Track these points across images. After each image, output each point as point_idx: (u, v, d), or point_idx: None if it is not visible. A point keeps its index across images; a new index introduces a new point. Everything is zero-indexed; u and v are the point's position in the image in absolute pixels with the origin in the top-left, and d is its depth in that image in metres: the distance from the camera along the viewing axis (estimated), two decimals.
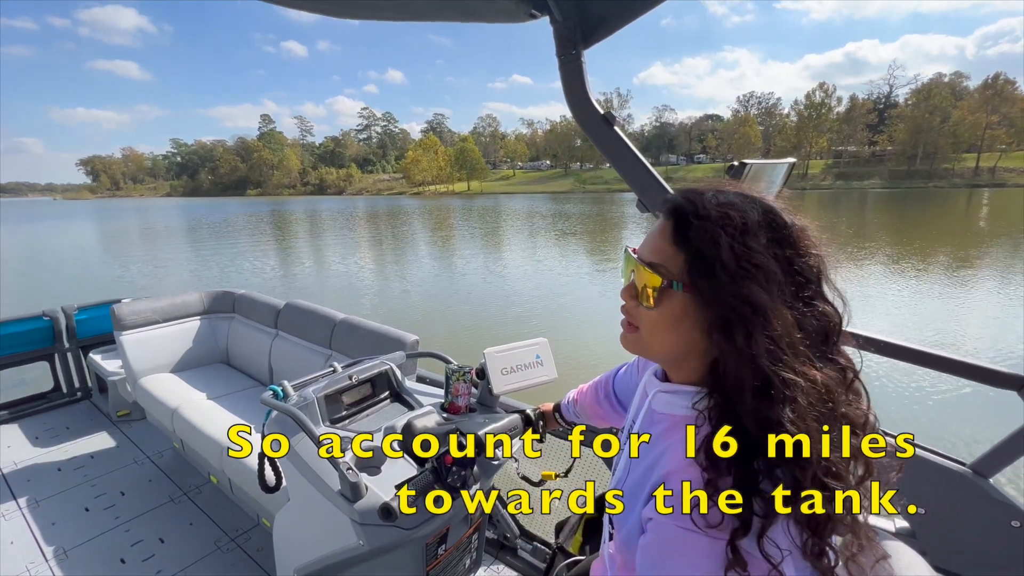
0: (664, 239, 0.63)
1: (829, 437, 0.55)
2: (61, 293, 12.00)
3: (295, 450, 1.26)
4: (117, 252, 22.64)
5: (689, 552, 0.54)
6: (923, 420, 5.20)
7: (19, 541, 2.25)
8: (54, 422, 3.32)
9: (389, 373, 1.60)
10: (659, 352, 0.67)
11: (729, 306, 0.56)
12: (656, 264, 0.62)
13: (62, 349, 3.53)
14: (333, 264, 17.81)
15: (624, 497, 0.71)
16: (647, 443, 0.70)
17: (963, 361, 1.09)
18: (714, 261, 0.57)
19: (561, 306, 10.73)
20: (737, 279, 0.56)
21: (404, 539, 1.14)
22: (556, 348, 1.50)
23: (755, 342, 0.55)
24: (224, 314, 3.42)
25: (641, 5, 1.08)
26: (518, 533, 2.15)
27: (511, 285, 13.08)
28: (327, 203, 73.73)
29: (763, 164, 1.01)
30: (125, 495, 2.58)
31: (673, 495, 0.57)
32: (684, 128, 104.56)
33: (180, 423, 2.57)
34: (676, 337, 0.63)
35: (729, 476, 0.54)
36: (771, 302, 0.56)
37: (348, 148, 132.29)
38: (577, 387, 1.23)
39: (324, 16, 1.20)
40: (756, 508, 0.53)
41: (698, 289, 0.59)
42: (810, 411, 0.54)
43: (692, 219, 0.60)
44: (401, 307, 11.02)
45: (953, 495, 1.11)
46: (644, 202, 1.21)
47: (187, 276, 15.60)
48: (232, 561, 2.16)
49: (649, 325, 0.65)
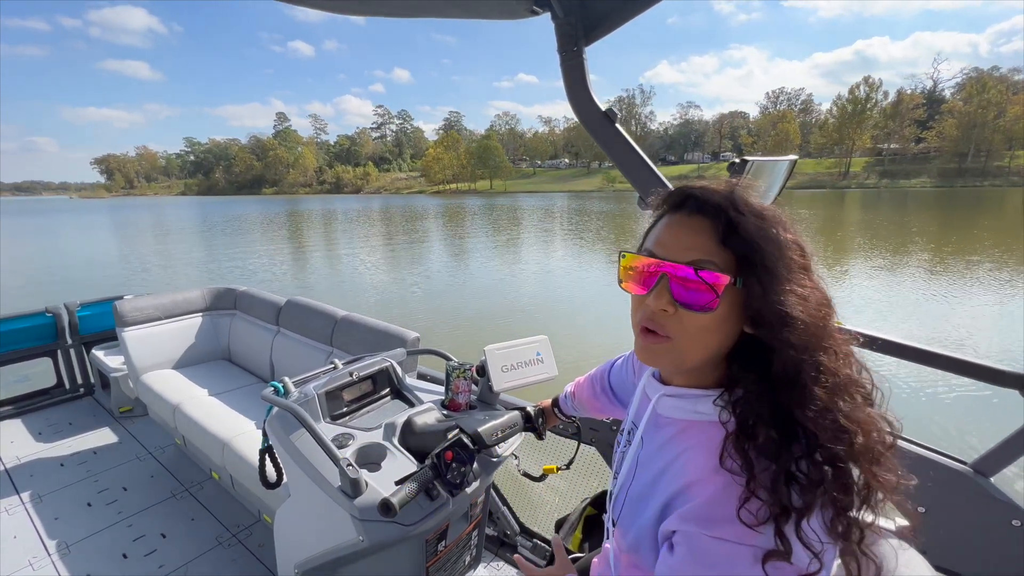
0: (705, 236, 0.60)
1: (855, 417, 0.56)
2: (80, 288, 12.12)
3: (296, 446, 1.26)
4: (156, 249, 22.80)
5: (730, 563, 0.53)
6: (924, 418, 5.20)
7: (22, 536, 2.26)
8: (57, 418, 3.33)
9: (390, 370, 1.60)
10: (698, 359, 0.63)
11: (785, 301, 0.57)
12: (707, 262, 0.59)
13: (65, 345, 3.54)
14: (346, 261, 17.65)
15: (630, 501, 0.70)
16: (655, 449, 0.69)
17: (964, 359, 1.08)
18: (770, 255, 0.58)
19: (562, 303, 10.74)
20: (790, 271, 0.58)
21: (404, 535, 1.14)
22: (557, 345, 1.50)
23: (802, 330, 0.57)
24: (226, 311, 3.42)
25: (642, 2, 1.08)
26: (518, 530, 2.15)
27: (532, 283, 12.94)
28: (349, 202, 72.10)
29: (764, 161, 1.00)
30: (127, 490, 2.60)
31: (702, 504, 0.57)
32: (711, 125, 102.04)
33: (182, 419, 2.58)
34: (718, 341, 0.62)
35: (767, 471, 0.55)
36: (813, 291, 0.59)
37: (364, 146, 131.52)
38: (574, 380, 1.23)
39: (329, 14, 1.20)
40: (794, 498, 0.53)
41: (749, 285, 0.59)
42: (843, 394, 0.57)
43: (739, 216, 0.59)
44: (408, 305, 10.98)
45: (954, 494, 1.10)
46: (645, 199, 1.20)
47: (209, 272, 15.61)
48: (233, 557, 2.17)
49: (695, 331, 0.61)
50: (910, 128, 71.75)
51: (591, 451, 1.80)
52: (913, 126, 71.85)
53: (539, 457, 1.75)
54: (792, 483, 0.53)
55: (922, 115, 71.56)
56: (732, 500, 0.55)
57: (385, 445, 1.29)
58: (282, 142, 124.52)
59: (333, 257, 18.84)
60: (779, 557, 0.51)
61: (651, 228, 0.68)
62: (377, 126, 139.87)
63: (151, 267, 16.96)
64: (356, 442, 1.30)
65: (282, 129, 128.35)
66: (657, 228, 0.66)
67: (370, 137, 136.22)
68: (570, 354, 6.95)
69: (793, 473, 0.54)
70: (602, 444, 1.77)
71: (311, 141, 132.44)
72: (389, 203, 65.97)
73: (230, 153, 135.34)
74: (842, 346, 0.59)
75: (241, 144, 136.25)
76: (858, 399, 0.58)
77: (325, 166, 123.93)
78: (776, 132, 79.55)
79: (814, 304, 0.58)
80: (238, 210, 53.81)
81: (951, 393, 5.68)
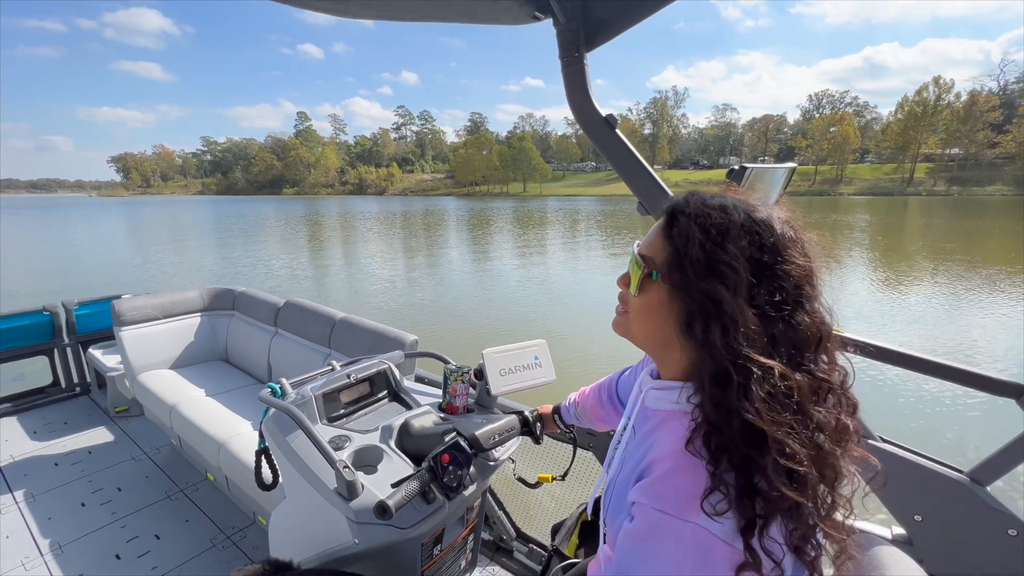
0: (657, 234, 0.68)
1: (795, 434, 0.55)
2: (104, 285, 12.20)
3: (292, 448, 1.26)
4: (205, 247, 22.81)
5: (671, 538, 0.55)
6: (921, 427, 5.20)
7: (15, 535, 2.25)
8: (52, 417, 3.32)
9: (387, 372, 1.60)
10: (639, 337, 0.71)
11: (695, 299, 0.60)
12: (645, 256, 0.67)
13: (61, 344, 3.54)
14: (376, 266, 16.61)
15: (616, 490, 0.72)
16: (640, 438, 0.72)
17: (962, 368, 1.09)
18: (686, 256, 0.61)
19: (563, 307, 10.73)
20: (703, 275, 0.60)
21: (399, 538, 1.14)
22: (555, 350, 1.50)
23: (713, 335, 0.58)
24: (224, 311, 3.42)
25: (643, 9, 1.09)
26: (514, 535, 2.15)
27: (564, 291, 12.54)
28: (381, 204, 69.05)
29: (763, 168, 1.01)
30: (122, 491, 2.58)
31: (656, 479, 0.60)
32: (751, 127, 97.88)
33: (178, 420, 2.57)
34: (653, 325, 0.67)
35: (731, 470, 0.55)
36: (733, 300, 0.58)
37: (386, 147, 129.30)
38: (579, 389, 1.23)
39: (335, 17, 1.21)
40: (758, 506, 0.54)
41: (672, 281, 0.63)
42: (770, 402, 0.55)
43: (678, 216, 0.64)
44: (414, 309, 10.90)
45: (950, 503, 1.10)
46: (645, 205, 1.21)
47: (234, 272, 15.46)
48: (228, 559, 2.15)
49: (634, 311, 0.70)
50: (983, 132, 63.43)
51: (588, 457, 1.80)
52: (987, 130, 63.48)
53: (536, 462, 1.74)
54: (755, 494, 0.54)
55: (998, 117, 63.39)
56: (683, 478, 0.57)
57: (382, 447, 1.29)
58: (303, 142, 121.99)
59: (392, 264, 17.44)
60: (750, 568, 0.53)
61: None
62: (397, 127, 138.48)
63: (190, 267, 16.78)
64: (353, 444, 1.29)
65: (303, 128, 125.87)
66: None
67: (391, 138, 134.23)
68: (569, 359, 6.95)
69: (754, 483, 0.54)
70: (599, 450, 1.77)
71: (332, 141, 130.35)
72: (434, 205, 61.14)
73: (249, 153, 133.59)
74: (756, 350, 0.57)
75: (260, 143, 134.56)
76: (783, 401, 0.56)
77: (347, 166, 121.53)
78: (832, 135, 72.37)
79: (724, 309, 0.58)
80: (297, 210, 51.46)
81: (948, 402, 5.69)
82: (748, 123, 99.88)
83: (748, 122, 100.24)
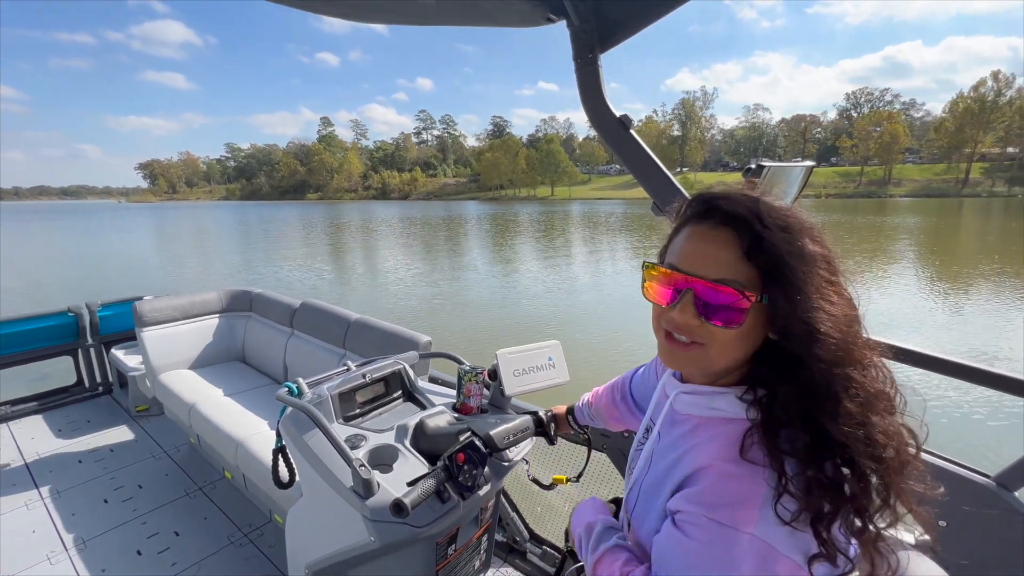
0: (730, 251, 0.60)
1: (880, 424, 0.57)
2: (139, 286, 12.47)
3: (309, 446, 1.27)
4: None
5: (729, 549, 0.54)
6: (946, 430, 5.07)
7: (41, 530, 2.31)
8: (76, 415, 3.40)
9: (402, 373, 1.61)
10: (725, 366, 0.65)
11: (799, 315, 0.57)
12: (732, 280, 0.59)
13: (85, 344, 3.63)
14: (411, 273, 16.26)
15: (644, 492, 0.71)
16: (670, 443, 0.70)
17: (999, 373, 1.06)
18: (796, 271, 0.58)
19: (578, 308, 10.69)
20: (817, 286, 0.58)
21: (415, 537, 1.14)
22: (568, 351, 1.49)
23: (832, 346, 0.57)
24: (241, 313, 3.48)
25: (657, 9, 1.09)
26: (528, 536, 2.14)
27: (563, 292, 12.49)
28: (407, 208, 68.41)
29: (781, 167, 1.00)
30: (142, 488, 2.64)
31: (706, 489, 0.59)
32: (784, 127, 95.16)
33: (197, 419, 2.62)
34: (745, 348, 0.63)
35: (799, 475, 0.55)
36: (841, 306, 0.58)
37: (408, 151, 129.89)
38: (592, 390, 1.23)
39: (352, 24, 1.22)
40: (825, 504, 0.54)
41: (775, 300, 0.59)
42: (873, 407, 0.57)
43: (765, 229, 0.59)
44: (427, 311, 10.93)
45: (976, 508, 1.08)
46: (659, 205, 1.21)
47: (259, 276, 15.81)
48: (245, 556, 2.18)
49: (723, 342, 0.62)
50: None
51: (602, 460, 1.79)
52: None
53: (550, 464, 1.74)
54: (822, 489, 0.54)
55: None
56: (737, 487, 0.57)
57: (397, 447, 1.30)
58: (327, 147, 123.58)
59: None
60: (824, 559, 0.53)
61: (673, 237, 0.68)
62: (418, 131, 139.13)
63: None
64: (368, 443, 1.30)
65: (326, 134, 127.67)
66: (680, 239, 0.66)
67: (413, 142, 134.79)
68: (583, 360, 6.92)
69: (822, 479, 0.55)
70: (613, 452, 1.76)
71: (355, 146, 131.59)
72: (457, 210, 58.99)
73: (272, 158, 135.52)
74: (872, 358, 0.59)
75: (283, 149, 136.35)
76: (885, 411, 0.58)
77: (370, 171, 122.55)
78: (883, 132, 69.48)
79: (843, 319, 0.58)
80: (348, 216, 51.08)
81: (975, 405, 5.54)
82: (778, 123, 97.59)
83: (778, 123, 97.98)
